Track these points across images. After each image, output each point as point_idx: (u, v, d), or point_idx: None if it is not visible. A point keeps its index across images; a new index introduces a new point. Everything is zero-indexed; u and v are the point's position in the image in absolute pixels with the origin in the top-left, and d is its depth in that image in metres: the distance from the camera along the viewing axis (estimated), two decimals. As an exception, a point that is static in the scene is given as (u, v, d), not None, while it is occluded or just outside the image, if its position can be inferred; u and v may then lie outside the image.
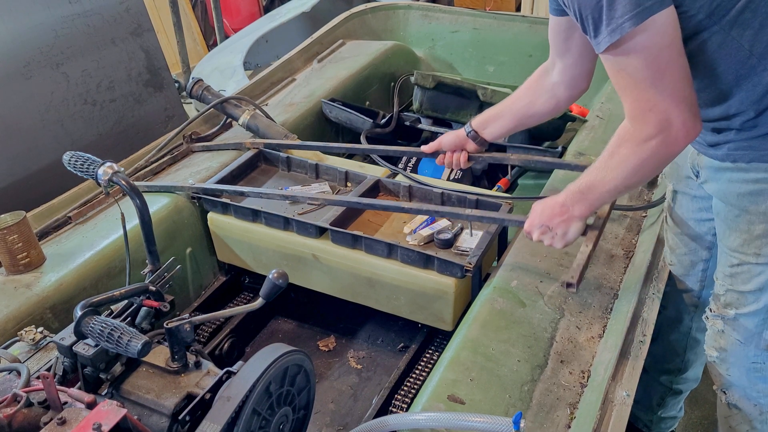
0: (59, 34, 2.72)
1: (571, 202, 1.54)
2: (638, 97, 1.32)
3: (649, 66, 1.27)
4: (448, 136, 2.05)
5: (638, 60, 1.27)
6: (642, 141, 1.35)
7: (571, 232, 1.58)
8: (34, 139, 2.63)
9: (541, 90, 1.84)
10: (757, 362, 1.62)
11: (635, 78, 1.30)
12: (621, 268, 1.87)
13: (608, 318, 1.70)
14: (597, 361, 1.57)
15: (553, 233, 1.60)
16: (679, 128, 1.31)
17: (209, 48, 5.82)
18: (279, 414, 1.39)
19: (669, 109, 1.29)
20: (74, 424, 1.16)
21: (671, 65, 1.28)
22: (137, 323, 1.52)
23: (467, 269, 1.84)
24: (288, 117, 2.74)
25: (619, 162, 1.41)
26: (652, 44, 1.25)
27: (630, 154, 1.38)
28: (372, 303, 2.10)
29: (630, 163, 1.39)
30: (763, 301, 1.53)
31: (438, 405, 1.45)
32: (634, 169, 1.40)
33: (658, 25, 1.24)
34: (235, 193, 2.16)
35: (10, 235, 1.87)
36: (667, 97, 1.28)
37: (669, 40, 1.27)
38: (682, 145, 1.35)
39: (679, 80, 1.29)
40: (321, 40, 3.42)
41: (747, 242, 1.49)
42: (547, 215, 1.59)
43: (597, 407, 1.42)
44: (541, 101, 1.85)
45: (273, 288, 1.42)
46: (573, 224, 1.57)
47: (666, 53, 1.27)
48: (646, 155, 1.36)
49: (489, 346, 1.60)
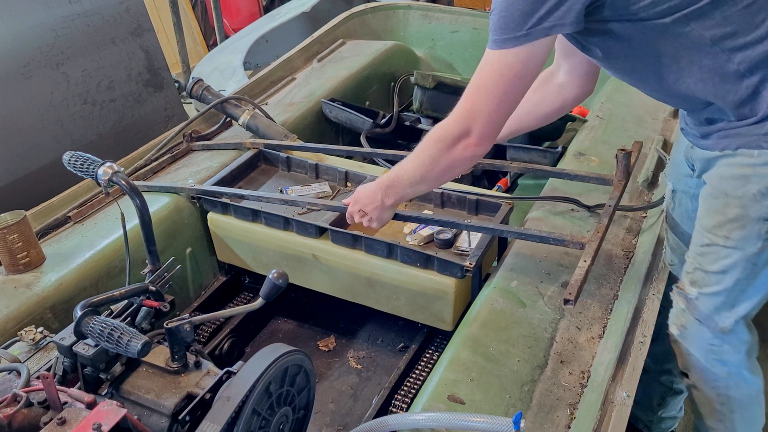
0: (59, 34, 2.72)
1: (382, 192, 1.68)
2: (470, 100, 1.47)
3: (501, 84, 1.42)
4: None
5: (497, 73, 1.41)
6: (441, 138, 1.50)
7: (384, 216, 1.73)
8: (34, 139, 2.63)
9: (548, 91, 1.86)
10: (714, 344, 1.65)
11: (485, 85, 1.44)
12: (621, 268, 1.87)
13: (608, 318, 1.70)
14: (597, 362, 1.57)
15: (369, 216, 1.75)
16: (473, 137, 1.47)
17: (209, 48, 5.81)
18: (279, 414, 1.39)
19: (478, 121, 1.45)
20: (74, 424, 1.15)
21: (511, 95, 1.44)
22: (137, 323, 1.52)
23: (467, 269, 1.84)
24: (288, 117, 2.74)
25: (419, 156, 1.56)
26: (507, 71, 1.40)
27: (427, 149, 1.53)
28: (372, 303, 2.10)
29: (426, 157, 1.54)
30: (724, 284, 1.56)
31: (438, 405, 1.45)
32: (428, 164, 1.54)
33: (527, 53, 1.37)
34: (234, 196, 2.16)
35: (10, 235, 1.87)
36: (485, 113, 1.44)
37: (522, 77, 1.41)
38: (470, 154, 1.49)
39: (503, 110, 1.46)
40: (321, 40, 3.42)
41: (720, 224, 1.52)
42: (363, 201, 1.73)
43: (597, 408, 1.42)
44: (547, 101, 1.88)
45: (273, 288, 1.42)
46: (384, 211, 1.72)
47: (518, 84, 1.42)
48: (438, 153, 1.51)
49: (489, 347, 1.61)
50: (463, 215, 2.11)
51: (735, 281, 1.55)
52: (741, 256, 1.51)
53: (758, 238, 1.48)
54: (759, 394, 1.77)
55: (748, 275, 1.54)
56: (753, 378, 1.73)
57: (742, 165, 1.44)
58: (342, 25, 3.57)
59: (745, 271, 1.53)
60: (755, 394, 1.76)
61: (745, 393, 1.73)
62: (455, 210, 2.13)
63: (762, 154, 1.40)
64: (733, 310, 1.59)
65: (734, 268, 1.53)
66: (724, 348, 1.65)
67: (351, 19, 3.64)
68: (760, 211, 1.45)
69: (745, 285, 1.55)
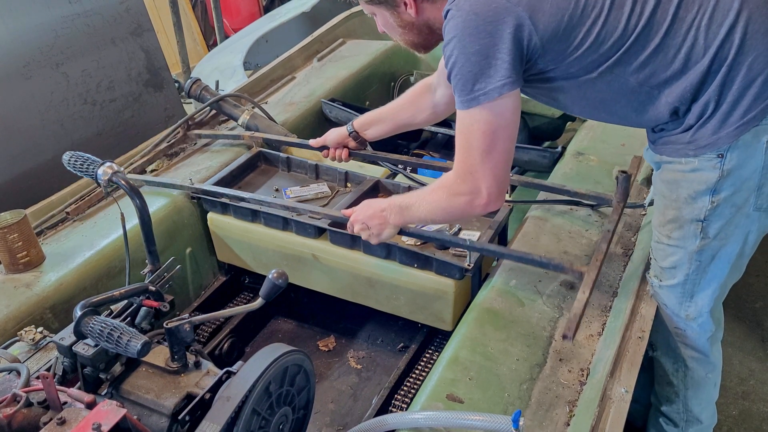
0: (59, 34, 2.72)
1: (390, 212, 1.74)
2: (466, 159, 1.51)
3: (484, 139, 1.47)
4: (333, 133, 2.19)
5: (478, 130, 1.47)
6: (454, 194, 1.57)
7: (384, 234, 1.78)
8: (34, 139, 2.63)
9: (423, 106, 2.01)
10: (679, 329, 1.76)
11: (471, 144, 1.49)
12: (620, 266, 1.87)
13: (608, 316, 1.71)
14: (596, 359, 1.58)
15: (370, 232, 1.79)
16: (483, 197, 1.53)
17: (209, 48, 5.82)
18: (279, 414, 1.39)
19: (484, 180, 1.51)
20: (74, 424, 1.16)
21: (499, 145, 1.48)
22: (137, 323, 1.52)
23: (467, 270, 1.84)
24: (288, 116, 2.74)
25: (433, 201, 1.64)
26: (492, 121, 1.45)
27: (442, 200, 1.61)
28: (372, 303, 2.10)
29: (439, 206, 1.62)
30: (677, 278, 1.66)
31: (437, 404, 1.45)
32: (441, 212, 1.63)
33: (500, 107, 1.44)
34: (235, 198, 2.15)
35: (11, 234, 1.87)
36: (487, 170, 1.50)
37: (503, 126, 1.46)
38: (481, 210, 1.57)
39: (501, 160, 1.50)
40: (321, 39, 3.43)
41: (662, 224, 1.64)
42: (368, 215, 1.77)
43: (596, 404, 1.43)
44: (422, 116, 2.04)
45: (273, 288, 1.42)
46: (387, 229, 1.77)
47: (500, 134, 1.47)
48: (452, 206, 1.59)
49: (488, 346, 1.61)
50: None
51: (685, 276, 1.65)
52: (684, 254, 1.62)
53: (695, 237, 1.58)
54: (714, 377, 1.89)
55: (696, 270, 1.63)
56: (711, 364, 1.84)
57: (674, 171, 1.55)
58: (342, 24, 3.58)
59: (691, 266, 1.63)
60: (711, 378, 1.87)
61: (701, 375, 1.85)
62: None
63: (689, 162, 1.50)
64: (693, 300, 1.69)
65: (681, 265, 1.64)
66: (687, 333, 1.76)
67: (351, 19, 3.64)
68: (692, 213, 1.56)
69: (696, 278, 1.65)
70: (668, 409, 1.96)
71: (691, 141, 1.49)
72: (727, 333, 2.78)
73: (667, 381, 1.90)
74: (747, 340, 2.81)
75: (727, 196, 1.51)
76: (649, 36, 1.43)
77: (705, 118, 1.46)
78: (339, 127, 2.20)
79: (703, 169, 1.49)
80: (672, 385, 1.90)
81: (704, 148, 1.47)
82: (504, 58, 1.40)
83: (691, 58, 1.43)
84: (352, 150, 2.20)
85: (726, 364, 2.61)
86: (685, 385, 1.88)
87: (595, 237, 1.96)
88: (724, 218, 1.54)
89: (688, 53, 1.43)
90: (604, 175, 2.23)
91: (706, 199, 1.52)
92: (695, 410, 1.92)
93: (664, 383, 1.92)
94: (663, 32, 1.42)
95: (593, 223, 2.02)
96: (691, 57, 1.43)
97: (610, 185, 2.15)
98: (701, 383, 1.87)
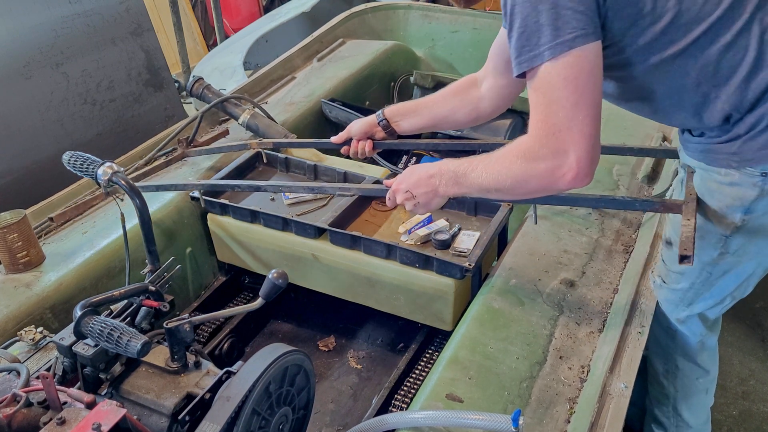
0: (59, 34, 2.72)
1: (441, 179, 1.53)
2: (547, 118, 1.30)
3: (565, 92, 1.27)
4: (357, 123, 2.01)
5: (556, 84, 1.27)
6: (532, 159, 1.33)
7: (432, 204, 1.59)
8: (33, 139, 2.63)
9: (466, 101, 1.83)
10: (670, 328, 1.73)
11: (550, 99, 1.28)
12: (621, 263, 1.87)
13: (608, 313, 1.71)
14: (596, 356, 1.58)
15: (416, 201, 1.59)
16: (571, 164, 1.29)
17: (209, 48, 5.82)
18: (279, 414, 1.39)
19: (571, 141, 1.28)
20: (74, 424, 1.16)
21: (585, 97, 1.27)
22: (137, 323, 1.52)
23: (467, 270, 1.84)
24: (288, 116, 2.74)
25: (502, 168, 1.39)
26: (570, 71, 1.26)
27: (515, 166, 1.36)
28: (372, 303, 2.10)
29: (510, 174, 1.38)
30: (681, 284, 1.62)
31: (436, 404, 1.45)
32: (511, 181, 1.38)
33: (578, 56, 1.26)
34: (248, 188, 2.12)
35: (10, 234, 1.87)
36: (574, 127, 1.27)
37: (587, 71, 1.27)
38: (568, 183, 1.32)
39: (587, 115, 1.28)
40: (321, 39, 3.42)
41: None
42: (413, 182, 1.58)
43: (595, 400, 1.43)
44: (462, 112, 1.85)
45: (273, 288, 1.42)
46: (436, 198, 1.57)
47: (582, 83, 1.27)
48: (529, 174, 1.35)
49: (487, 345, 1.61)
50: (462, 215, 2.11)
51: (690, 284, 1.60)
52: (696, 262, 1.50)
53: (714, 249, 1.52)
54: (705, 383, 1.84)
55: (704, 281, 1.58)
56: (701, 369, 1.80)
57: (710, 180, 1.47)
58: (342, 24, 3.57)
59: (700, 277, 1.58)
60: (701, 382, 1.83)
61: (691, 378, 1.81)
62: (454, 210, 2.13)
63: (728, 174, 1.42)
64: (689, 307, 1.66)
65: (691, 272, 1.57)
66: (678, 334, 1.73)
67: (351, 19, 3.64)
68: (719, 226, 1.48)
69: (700, 289, 1.60)
70: (659, 412, 1.94)
71: (736, 152, 1.39)
72: (728, 333, 2.78)
73: (658, 381, 1.88)
74: (747, 340, 2.82)
75: (759, 217, 1.43)
76: (720, 31, 1.30)
77: (757, 130, 1.36)
78: (364, 117, 2.03)
79: (742, 185, 1.40)
80: (662, 386, 1.88)
81: (749, 162, 1.38)
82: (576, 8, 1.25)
83: (763, 63, 1.31)
84: (377, 142, 2.01)
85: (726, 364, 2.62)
86: (675, 387, 1.85)
87: (595, 235, 1.96)
88: (749, 237, 1.47)
89: (758, 57, 1.31)
90: (604, 173, 2.23)
91: (737, 216, 1.44)
92: (684, 414, 1.89)
93: (655, 383, 1.91)
94: (737, 29, 1.30)
95: (593, 222, 2.02)
96: (762, 62, 1.31)
97: (610, 183, 2.16)
98: (691, 387, 1.84)
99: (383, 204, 2.19)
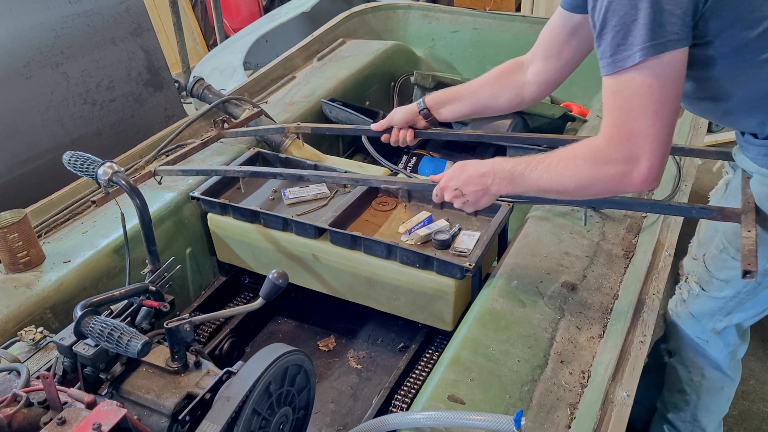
0: (59, 34, 2.72)
1: (494, 178, 1.50)
2: (624, 123, 1.28)
3: (648, 100, 1.25)
4: (399, 111, 2.01)
5: (639, 92, 1.25)
6: (603, 163, 1.31)
7: (482, 202, 1.56)
8: (33, 139, 2.63)
9: (509, 85, 1.80)
10: (702, 338, 1.69)
11: (630, 105, 1.27)
12: (621, 268, 1.87)
13: (608, 318, 1.70)
14: (597, 362, 1.57)
15: (465, 199, 1.57)
16: (642, 171, 1.28)
17: (209, 48, 5.82)
18: (279, 414, 1.39)
19: (644, 148, 1.26)
20: (74, 424, 1.15)
21: (666, 106, 1.26)
22: (137, 323, 1.52)
23: (467, 270, 1.84)
24: (288, 116, 2.74)
25: (568, 170, 1.37)
26: (656, 79, 1.24)
27: (581, 169, 1.34)
28: (372, 303, 2.10)
29: (579, 177, 1.35)
30: (725, 292, 1.57)
31: (438, 405, 1.45)
32: (579, 184, 1.36)
33: (667, 62, 1.23)
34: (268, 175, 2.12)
35: (11, 234, 1.87)
36: (650, 135, 1.26)
37: (672, 80, 1.25)
38: (636, 187, 1.31)
39: (666, 125, 1.27)
40: (321, 39, 3.42)
41: (736, 234, 1.49)
42: (464, 180, 1.55)
43: (597, 407, 1.42)
44: (505, 97, 1.82)
45: (273, 288, 1.42)
46: (486, 197, 1.54)
47: (666, 92, 1.25)
48: (597, 177, 1.33)
49: (489, 347, 1.60)
50: (462, 215, 2.11)
51: (735, 293, 1.56)
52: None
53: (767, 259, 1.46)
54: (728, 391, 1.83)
55: (750, 291, 1.55)
56: (727, 377, 1.78)
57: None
58: (342, 24, 3.57)
59: (747, 286, 1.53)
60: (725, 391, 1.81)
61: (716, 387, 1.79)
62: (454, 210, 2.13)
63: None
64: (728, 317, 1.62)
65: (738, 281, 1.53)
66: (710, 345, 1.70)
67: (351, 19, 3.64)
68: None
69: (744, 299, 1.57)
70: (675, 417, 1.91)
71: None
72: (728, 333, 2.78)
73: (680, 388, 1.84)
74: (747, 340, 2.81)
75: None
76: None
77: None
78: (406, 105, 2.01)
79: None
80: (684, 393, 1.83)
81: None
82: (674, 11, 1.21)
83: None
84: (418, 131, 2.00)
85: (726, 365, 2.61)
86: (698, 395, 1.81)
87: (596, 239, 1.96)
88: None
89: None
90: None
91: None
92: (703, 421, 1.86)
93: (675, 390, 1.86)
94: None
95: (594, 224, 2.02)
96: None
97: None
98: (715, 395, 1.81)
99: (383, 204, 2.20)
